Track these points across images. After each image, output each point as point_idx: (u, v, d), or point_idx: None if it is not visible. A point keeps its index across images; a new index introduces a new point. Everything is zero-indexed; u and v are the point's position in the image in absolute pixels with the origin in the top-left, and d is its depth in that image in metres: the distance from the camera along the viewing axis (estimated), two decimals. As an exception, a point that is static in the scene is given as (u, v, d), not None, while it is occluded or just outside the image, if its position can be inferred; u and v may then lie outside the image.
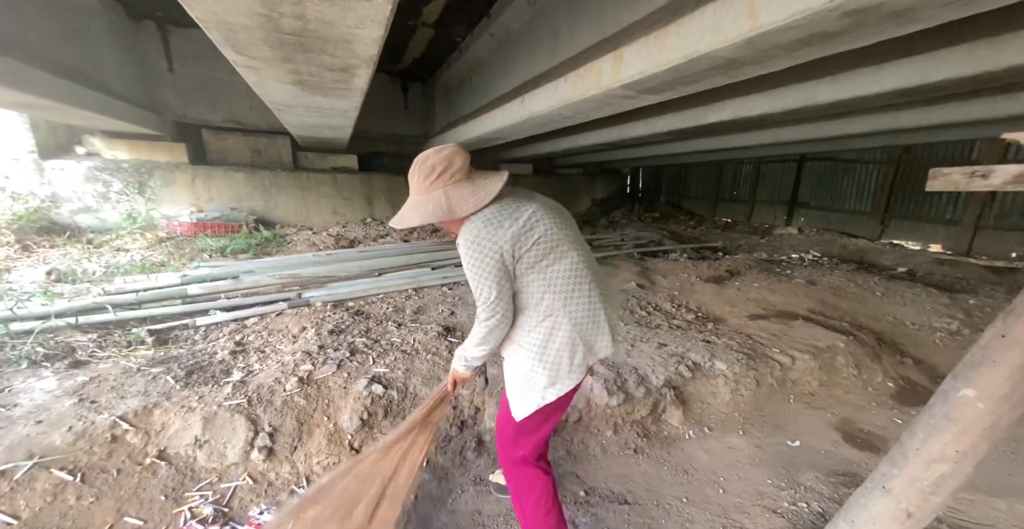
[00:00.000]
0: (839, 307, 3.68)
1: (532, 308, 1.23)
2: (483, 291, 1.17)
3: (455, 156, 1.18)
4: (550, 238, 1.19)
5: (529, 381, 1.24)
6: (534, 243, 1.17)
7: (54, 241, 4.41)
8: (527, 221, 1.18)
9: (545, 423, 1.31)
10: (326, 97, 3.25)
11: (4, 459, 1.52)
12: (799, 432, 2.27)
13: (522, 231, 1.16)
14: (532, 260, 1.18)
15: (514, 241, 1.15)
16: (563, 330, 1.22)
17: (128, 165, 5.36)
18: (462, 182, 1.19)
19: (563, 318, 1.22)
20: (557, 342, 1.22)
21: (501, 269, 1.16)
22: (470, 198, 1.18)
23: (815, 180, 7.99)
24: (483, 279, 1.16)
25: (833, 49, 1.87)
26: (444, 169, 1.17)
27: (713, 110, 4.05)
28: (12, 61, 2.85)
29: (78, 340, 2.47)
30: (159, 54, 5.45)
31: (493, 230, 1.15)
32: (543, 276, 1.20)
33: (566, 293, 1.22)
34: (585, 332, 1.24)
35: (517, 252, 1.16)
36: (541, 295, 1.21)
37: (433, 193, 1.18)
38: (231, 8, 1.67)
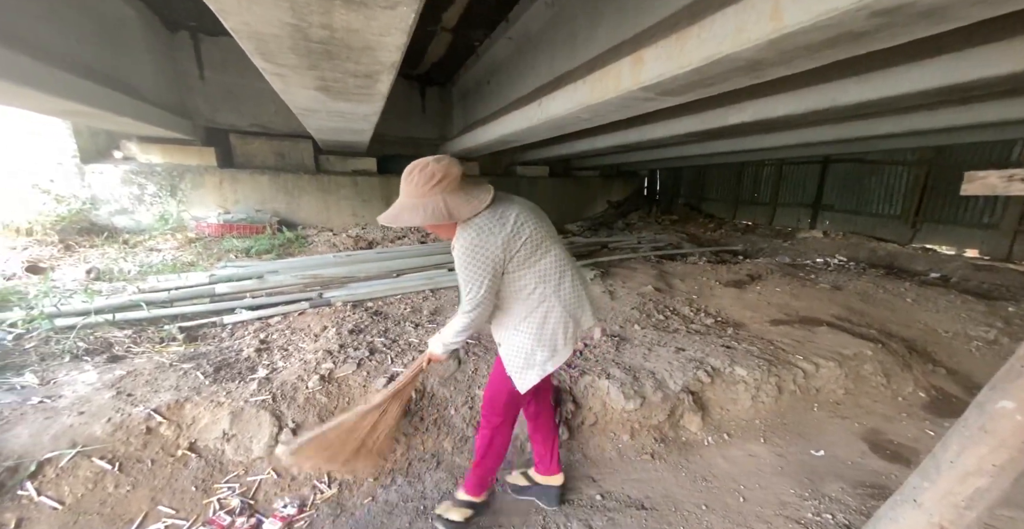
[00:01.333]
0: (867, 313, 3.56)
1: (525, 299, 1.41)
2: (473, 288, 1.34)
3: (453, 166, 1.32)
4: (535, 238, 1.37)
5: (531, 358, 1.44)
6: (522, 244, 1.34)
7: (93, 241, 4.64)
8: (514, 225, 1.34)
9: (525, 395, 1.52)
10: (349, 102, 3.34)
11: (50, 447, 1.61)
12: (823, 441, 2.21)
13: (512, 235, 1.33)
14: (522, 258, 1.35)
15: (506, 245, 1.32)
16: (556, 312, 1.42)
17: (161, 168, 5.60)
18: (457, 190, 1.31)
19: (555, 302, 1.42)
20: (552, 323, 1.42)
21: (491, 270, 1.33)
22: (466, 205, 1.31)
23: (841, 182, 7.74)
24: (476, 279, 1.32)
25: (861, 49, 1.83)
26: (443, 176, 1.29)
27: (733, 111, 3.99)
28: (59, 71, 3.03)
29: (115, 336, 2.59)
30: (191, 62, 5.68)
31: (487, 237, 1.30)
32: (534, 270, 1.39)
33: (556, 281, 1.42)
34: (573, 310, 1.46)
35: (508, 254, 1.34)
36: (534, 287, 1.40)
37: (431, 198, 1.29)
38: (263, 19, 1.74)
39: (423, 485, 1.85)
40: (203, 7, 1.76)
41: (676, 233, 7.52)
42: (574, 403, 2.24)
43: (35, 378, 2.06)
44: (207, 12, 1.80)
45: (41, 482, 1.54)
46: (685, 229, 8.33)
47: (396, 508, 1.73)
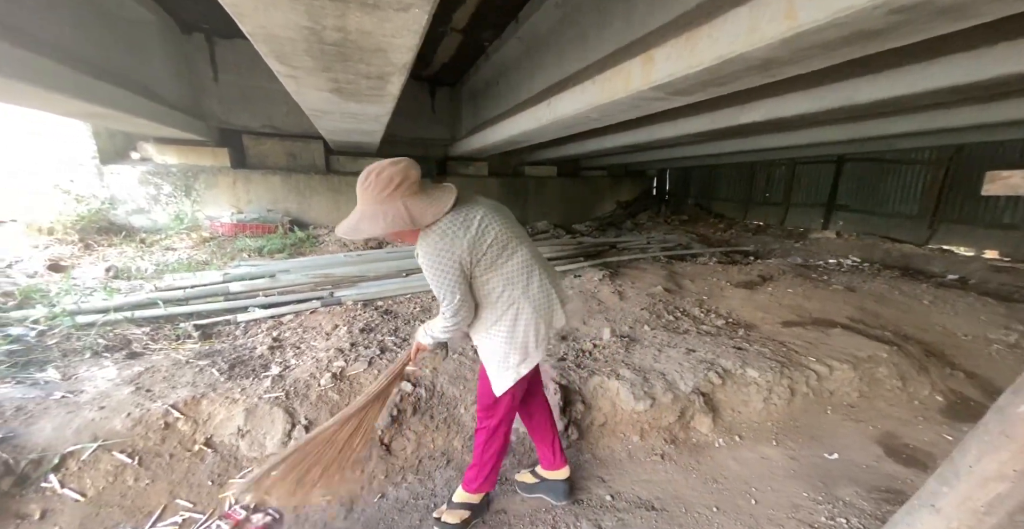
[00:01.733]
0: (881, 315, 3.50)
1: (494, 302, 1.39)
2: (447, 295, 1.31)
3: (410, 169, 1.25)
4: (501, 239, 1.34)
5: (504, 362, 1.43)
6: (488, 246, 1.31)
7: (112, 240, 4.75)
8: (479, 227, 1.30)
9: (515, 393, 1.52)
10: (360, 103, 3.37)
11: (73, 440, 1.66)
12: (837, 445, 2.18)
13: (476, 238, 1.29)
14: (489, 261, 1.33)
15: (471, 248, 1.28)
16: (525, 314, 1.40)
17: (176, 169, 5.71)
18: (418, 194, 1.26)
19: (525, 304, 1.39)
20: (522, 325, 1.40)
21: (460, 274, 1.30)
22: (429, 209, 1.26)
23: (855, 182, 7.61)
24: (446, 285, 1.29)
25: (877, 47, 1.80)
26: (402, 180, 1.23)
27: (745, 111, 3.94)
28: (80, 74, 3.10)
29: (133, 333, 2.65)
30: (206, 64, 5.78)
31: (450, 241, 1.26)
32: (500, 273, 1.36)
33: (524, 283, 1.40)
34: (543, 312, 1.44)
35: (474, 257, 1.30)
36: (502, 290, 1.38)
37: (391, 204, 1.23)
38: (279, 22, 1.77)
39: (433, 483, 1.86)
40: (218, 10, 1.80)
41: (686, 233, 7.46)
42: (583, 403, 2.24)
43: (57, 374, 2.12)
44: (221, 15, 1.84)
45: (64, 475, 1.59)
46: (695, 229, 8.26)
47: (407, 506, 1.75)
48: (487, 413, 1.55)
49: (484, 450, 1.59)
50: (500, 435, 1.58)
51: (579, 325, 3.06)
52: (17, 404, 1.80)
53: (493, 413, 1.54)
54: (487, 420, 1.56)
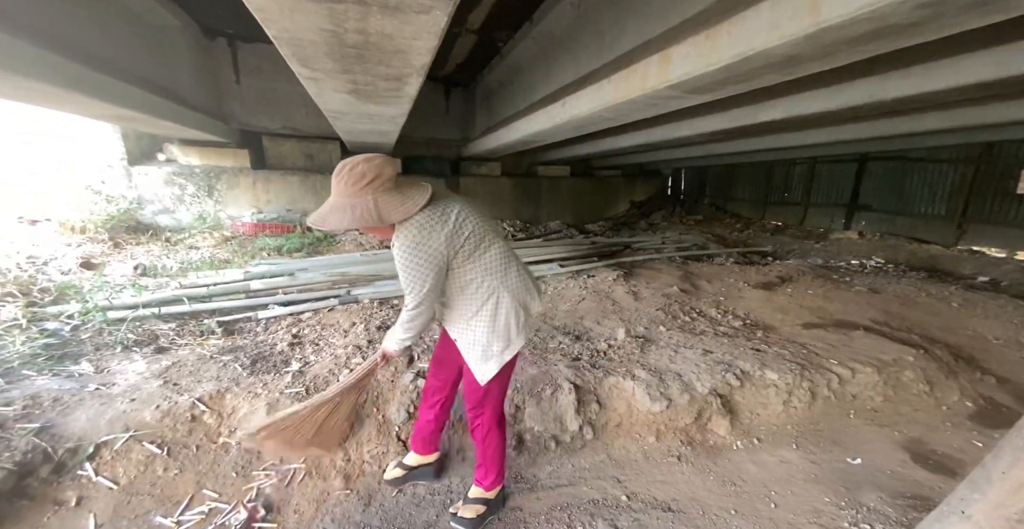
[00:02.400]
0: (907, 318, 3.40)
1: (474, 292, 1.42)
2: (415, 286, 1.32)
3: (385, 165, 1.27)
4: (478, 233, 1.37)
5: (488, 350, 1.45)
6: (466, 239, 1.34)
7: (139, 239, 4.92)
8: (456, 221, 1.33)
9: (502, 383, 1.54)
10: (378, 105, 3.42)
11: (106, 431, 1.73)
12: (860, 449, 2.13)
13: (454, 231, 1.32)
14: (467, 253, 1.36)
15: (448, 241, 1.31)
16: (505, 302, 1.43)
17: (199, 170, 5.88)
18: (391, 191, 1.27)
19: (504, 292, 1.43)
20: (503, 313, 1.43)
21: (438, 267, 1.32)
22: (399, 207, 1.27)
23: (879, 181, 7.39)
24: (419, 278, 1.31)
25: (904, 43, 1.75)
26: (375, 177, 1.24)
27: (764, 109, 3.88)
28: (108, 78, 3.22)
29: (160, 329, 2.74)
30: (228, 67, 5.94)
31: (428, 234, 1.28)
32: (479, 264, 1.40)
33: (502, 273, 1.44)
34: (522, 299, 1.49)
35: (451, 250, 1.33)
36: (481, 280, 1.41)
37: (361, 198, 1.24)
38: (303, 26, 1.81)
39: (450, 480, 1.88)
40: (240, 15, 1.85)
41: (701, 234, 7.36)
42: (598, 404, 2.23)
43: (91, 367, 2.21)
44: (244, 20, 1.89)
45: (98, 463, 1.66)
46: (711, 229, 8.14)
47: (423, 501, 1.77)
48: (478, 411, 1.56)
49: (486, 446, 1.61)
50: (497, 428, 1.59)
51: (593, 325, 3.05)
52: (54, 395, 1.88)
53: (483, 408, 1.55)
54: (480, 417, 1.57)
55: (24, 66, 2.44)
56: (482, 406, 1.55)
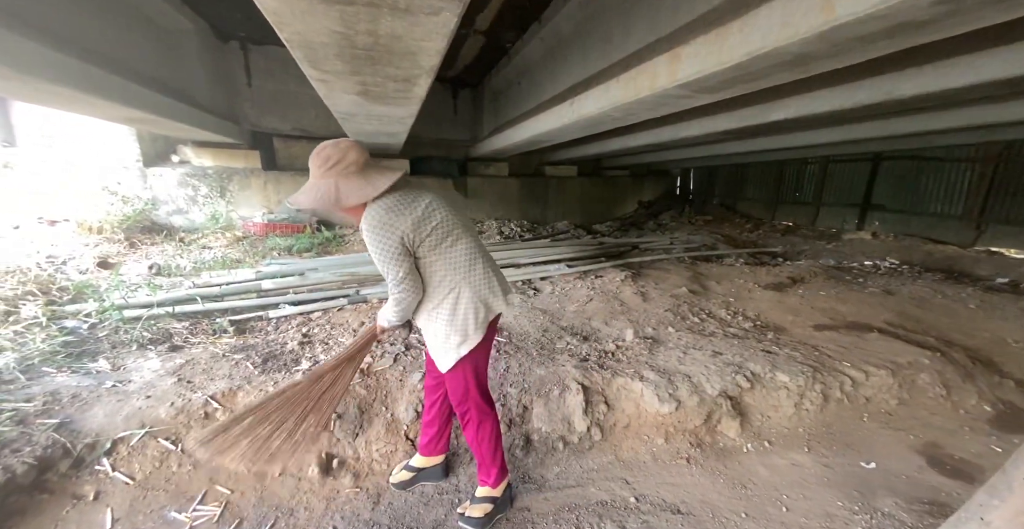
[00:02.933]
0: (923, 320, 3.33)
1: (436, 286, 1.44)
2: (391, 270, 1.33)
3: (350, 150, 1.30)
4: (446, 225, 1.38)
5: (446, 343, 1.47)
6: (432, 229, 1.35)
7: (154, 239, 5.01)
8: (425, 210, 1.34)
9: (477, 375, 1.55)
10: (387, 106, 3.44)
11: (123, 427, 1.76)
12: (875, 454, 2.09)
13: (421, 218, 1.33)
14: (432, 244, 1.36)
15: (415, 227, 1.32)
16: (465, 297, 1.44)
17: (212, 171, 5.98)
18: (354, 175, 1.30)
19: (465, 288, 1.44)
20: (462, 308, 1.44)
21: (403, 250, 1.32)
22: (357, 191, 1.29)
23: (893, 180, 7.26)
24: (389, 260, 1.31)
25: (920, 40, 1.72)
26: (338, 161, 1.28)
27: (775, 108, 3.83)
28: (123, 80, 3.29)
29: (174, 327, 2.79)
30: (240, 70, 6.03)
31: (394, 216, 1.30)
32: (443, 258, 1.41)
33: (465, 269, 1.44)
34: (484, 296, 1.48)
35: (417, 237, 1.33)
36: (443, 274, 1.43)
37: (324, 180, 1.30)
38: (314, 28, 1.84)
39: (458, 479, 1.89)
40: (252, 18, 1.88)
41: (711, 234, 7.29)
42: (606, 404, 2.23)
43: (108, 364, 2.25)
44: (256, 22, 1.92)
45: (115, 459, 1.69)
46: (720, 230, 8.06)
47: (432, 500, 1.78)
48: (463, 407, 1.58)
49: (480, 442, 1.61)
50: (487, 420, 1.60)
51: (601, 326, 3.04)
52: (73, 392, 1.93)
53: (467, 403, 1.57)
54: (468, 413, 1.58)
55: (43, 69, 2.50)
56: (464, 403, 1.57)
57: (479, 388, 1.57)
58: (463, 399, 1.57)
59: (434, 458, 1.85)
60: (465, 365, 1.51)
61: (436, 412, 1.76)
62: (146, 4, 3.87)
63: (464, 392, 1.55)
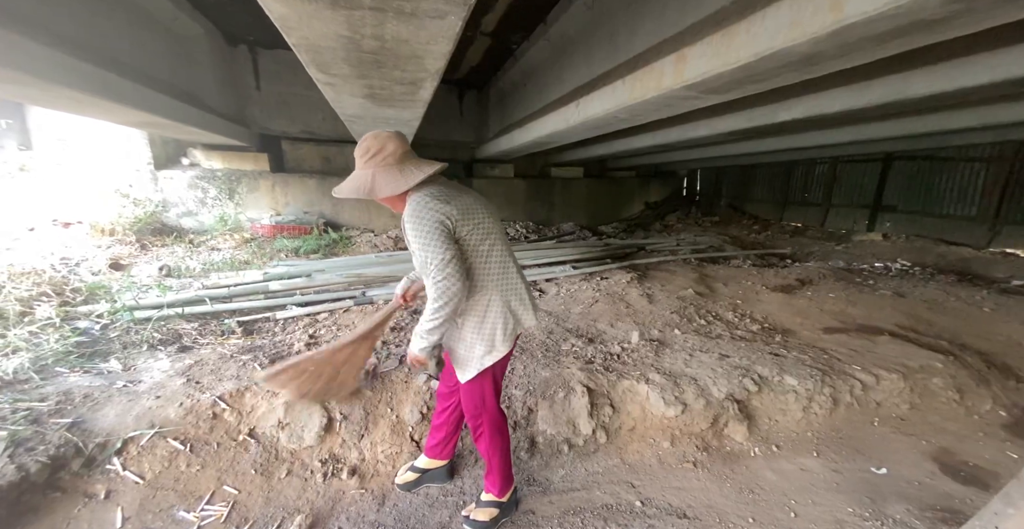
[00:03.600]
0: (935, 323, 3.28)
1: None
2: (434, 255, 1.25)
3: (388, 141, 1.31)
4: (486, 226, 1.36)
5: (470, 352, 1.43)
6: (474, 226, 1.33)
7: (164, 241, 5.09)
8: (469, 205, 1.34)
9: (495, 388, 1.53)
10: (393, 108, 3.47)
11: (133, 427, 1.79)
12: (886, 459, 2.06)
13: (465, 211, 1.31)
14: (470, 243, 1.33)
15: (460, 214, 1.30)
16: (496, 306, 1.40)
17: (221, 173, 6.05)
18: (391, 166, 1.30)
19: (496, 296, 1.40)
20: (491, 317, 1.40)
21: (447, 233, 1.27)
22: (391, 182, 1.29)
23: (905, 181, 7.14)
24: (433, 243, 1.25)
25: (933, 38, 1.69)
26: (377, 151, 1.30)
27: (784, 108, 3.79)
28: (136, 85, 3.34)
29: (183, 328, 2.83)
30: (249, 74, 6.10)
31: (438, 203, 1.28)
32: (478, 261, 1.36)
33: (498, 275, 1.40)
34: (514, 307, 1.44)
35: (460, 227, 1.30)
36: (476, 277, 1.38)
37: (364, 171, 1.32)
38: (321, 33, 1.85)
39: (463, 481, 1.89)
40: (261, 23, 1.90)
41: (718, 235, 7.23)
42: (611, 407, 2.21)
43: (119, 364, 2.29)
44: (264, 27, 1.94)
45: (126, 458, 1.71)
46: (727, 231, 7.99)
47: (436, 502, 1.78)
48: (477, 420, 1.55)
49: (492, 453, 1.59)
50: (499, 433, 1.58)
51: (607, 328, 3.03)
52: (85, 392, 1.96)
53: (482, 416, 1.53)
54: (481, 426, 1.55)
55: (62, 76, 2.56)
56: (479, 415, 1.54)
57: (495, 400, 1.55)
58: (478, 412, 1.53)
59: (439, 461, 1.85)
60: (485, 377, 1.47)
61: (446, 418, 1.76)
62: (160, 10, 3.94)
63: (480, 404, 1.52)
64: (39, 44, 2.39)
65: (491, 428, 1.55)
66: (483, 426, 1.55)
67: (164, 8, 3.96)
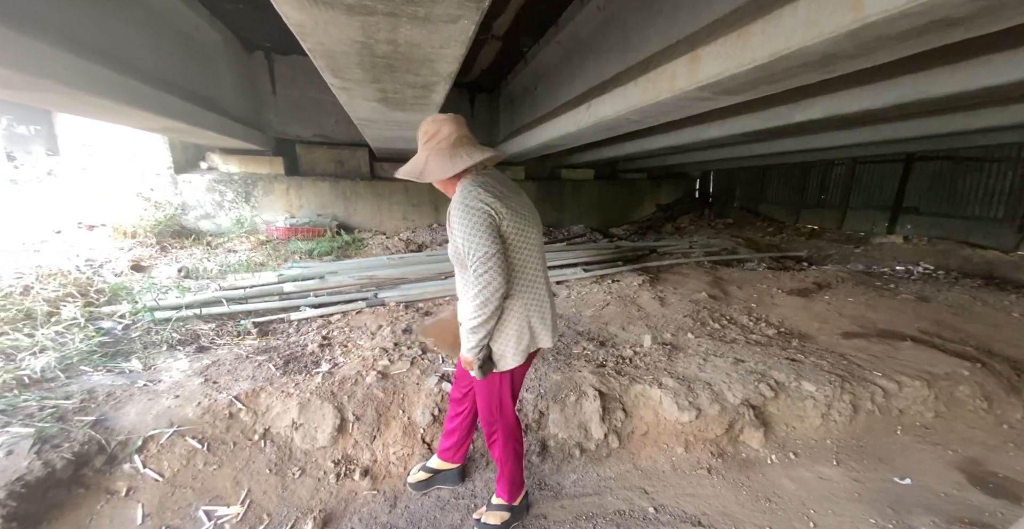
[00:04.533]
0: (961, 329, 3.17)
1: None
2: (478, 247, 1.23)
3: (444, 124, 1.32)
4: (527, 236, 1.34)
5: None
6: (518, 231, 1.31)
7: (183, 243, 5.21)
8: (517, 209, 1.31)
9: (512, 387, 1.48)
10: (405, 112, 3.51)
11: (153, 425, 1.83)
12: (910, 469, 1.99)
13: (514, 213, 1.29)
14: (511, 241, 1.30)
15: (508, 215, 1.28)
16: (514, 319, 1.36)
17: (238, 177, 6.18)
18: (443, 151, 1.31)
19: (518, 308, 1.36)
20: (507, 329, 1.36)
21: (493, 226, 1.25)
22: (439, 166, 1.30)
23: (927, 182, 6.94)
24: (478, 235, 1.23)
25: (955, 37, 1.65)
26: (432, 135, 1.31)
27: (801, 108, 3.73)
28: (159, 92, 3.44)
29: (201, 328, 2.89)
30: (265, 79, 6.23)
31: (489, 196, 1.26)
32: (512, 262, 1.33)
33: (526, 288, 1.37)
34: (533, 324, 1.39)
35: (504, 222, 1.28)
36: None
37: (421, 154, 1.34)
38: (336, 38, 1.89)
39: (474, 484, 1.89)
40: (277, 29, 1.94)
41: (731, 238, 7.12)
42: (624, 411, 2.19)
43: (139, 364, 2.35)
44: (280, 34, 1.98)
45: (146, 456, 1.75)
46: (741, 233, 7.87)
47: (448, 504, 1.78)
48: (493, 426, 1.53)
49: (505, 458, 1.58)
50: (513, 439, 1.56)
51: (618, 331, 3.00)
52: (108, 390, 2.01)
53: (498, 422, 1.52)
54: (495, 433, 1.54)
55: (88, 83, 2.65)
56: (495, 421, 1.53)
57: (512, 406, 1.53)
58: (494, 417, 1.51)
59: (452, 463, 1.85)
60: (503, 380, 1.45)
61: (459, 422, 1.76)
62: (180, 18, 4.05)
63: (496, 409, 1.49)
64: (71, 55, 2.49)
65: (505, 433, 1.54)
66: (497, 434, 1.55)
67: (186, 17, 4.07)
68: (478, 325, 1.30)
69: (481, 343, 1.34)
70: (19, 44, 2.15)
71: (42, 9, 2.45)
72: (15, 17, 2.16)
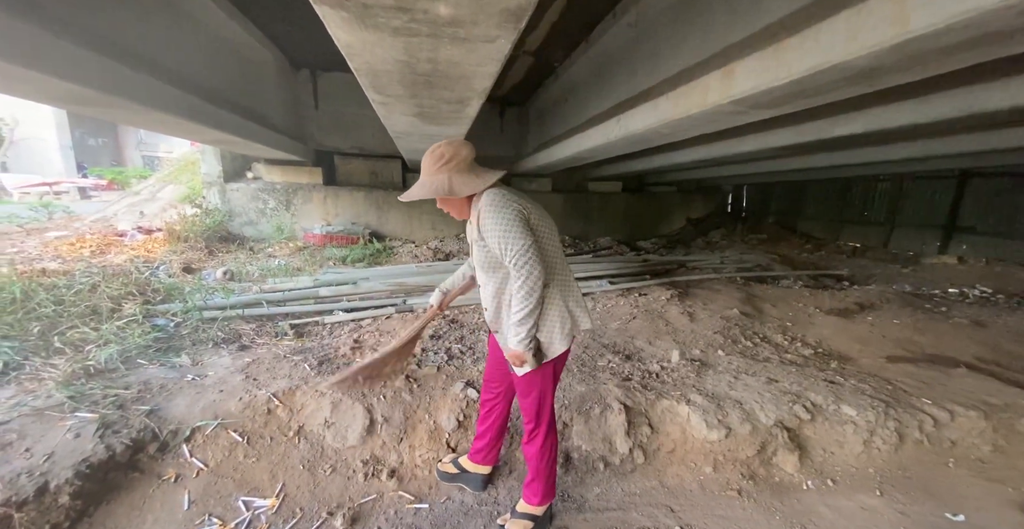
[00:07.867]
0: (1023, 357, 2.94)
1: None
2: (515, 241, 1.33)
3: (461, 148, 1.43)
4: (550, 233, 1.47)
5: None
6: (542, 221, 1.44)
7: (228, 247, 5.55)
8: (536, 209, 1.46)
9: (555, 381, 1.56)
10: (439, 126, 3.64)
11: (199, 417, 1.95)
12: (963, 505, 1.86)
13: (537, 210, 1.44)
14: (540, 234, 1.42)
15: (532, 206, 1.43)
16: (556, 304, 1.46)
17: (280, 186, 6.55)
18: (465, 171, 1.42)
19: (556, 295, 1.46)
20: (551, 314, 1.45)
21: (527, 222, 1.37)
22: (469, 183, 1.42)
23: (984, 200, 6.51)
24: (514, 231, 1.33)
25: (1008, 51, 1.59)
26: (452, 157, 1.41)
27: (840, 122, 3.62)
28: (215, 107, 3.73)
29: (242, 328, 3.06)
30: (308, 95, 6.62)
31: (514, 196, 1.41)
32: (545, 257, 1.41)
33: (560, 276, 1.48)
34: (572, 308, 1.49)
35: (532, 216, 1.41)
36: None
37: (439, 176, 1.42)
38: (381, 58, 2.01)
39: (496, 491, 1.90)
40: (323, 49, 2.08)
41: (765, 254, 6.89)
42: (650, 427, 2.15)
43: (188, 359, 2.51)
44: (325, 53, 2.12)
45: (193, 446, 1.87)
46: (776, 249, 7.59)
47: (471, 510, 1.80)
48: (535, 423, 1.56)
49: (540, 460, 1.59)
50: (551, 441, 1.59)
51: (645, 345, 2.96)
52: (161, 383, 2.17)
53: (540, 419, 1.55)
54: (537, 428, 1.56)
55: (157, 101, 2.92)
56: (539, 417, 1.55)
57: (551, 404, 1.56)
58: (537, 413, 1.53)
59: (481, 466, 1.87)
60: (546, 374, 1.49)
61: (490, 424, 1.79)
62: (236, 39, 4.40)
63: (539, 403, 1.52)
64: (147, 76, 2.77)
65: (546, 429, 1.56)
66: (539, 429, 1.56)
67: (242, 39, 4.42)
68: (526, 315, 1.37)
69: (531, 334, 1.40)
70: (107, 68, 2.43)
71: (129, 37, 2.75)
72: (107, 45, 2.44)
